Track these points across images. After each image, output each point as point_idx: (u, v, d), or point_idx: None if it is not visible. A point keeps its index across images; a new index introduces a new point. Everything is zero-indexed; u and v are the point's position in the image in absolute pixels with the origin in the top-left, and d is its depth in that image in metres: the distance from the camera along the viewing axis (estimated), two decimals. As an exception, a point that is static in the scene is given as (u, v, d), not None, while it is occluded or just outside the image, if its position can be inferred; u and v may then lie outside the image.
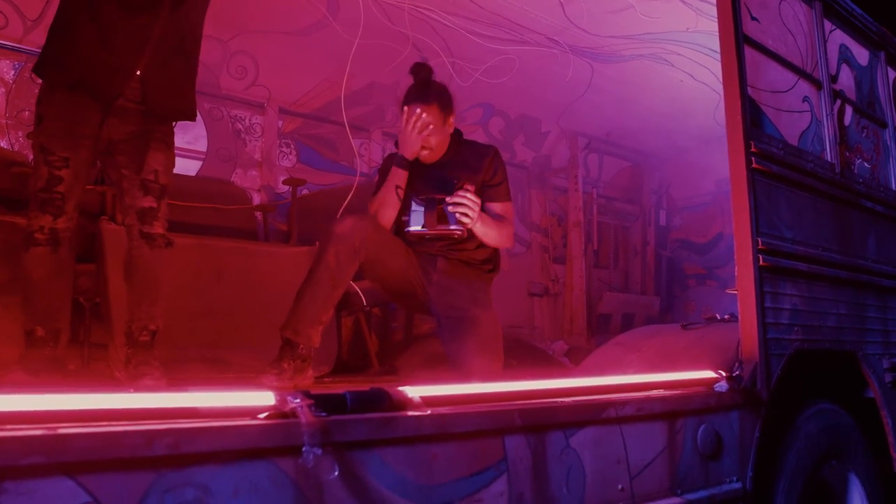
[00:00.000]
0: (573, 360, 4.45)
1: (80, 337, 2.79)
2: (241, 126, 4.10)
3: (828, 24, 3.02)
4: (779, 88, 2.65)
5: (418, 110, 2.39)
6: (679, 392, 1.90)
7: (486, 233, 2.41)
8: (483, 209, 2.41)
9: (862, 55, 3.31)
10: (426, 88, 2.49)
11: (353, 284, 3.24)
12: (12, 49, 3.38)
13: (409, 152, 2.42)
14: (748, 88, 2.41)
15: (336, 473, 1.13)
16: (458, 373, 2.33)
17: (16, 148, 3.39)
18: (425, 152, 2.46)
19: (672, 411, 1.81)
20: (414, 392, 1.34)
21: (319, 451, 1.12)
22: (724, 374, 2.04)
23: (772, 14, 2.68)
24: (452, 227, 2.35)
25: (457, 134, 2.57)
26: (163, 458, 0.98)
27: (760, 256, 2.22)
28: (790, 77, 2.72)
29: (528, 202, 5.35)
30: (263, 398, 1.17)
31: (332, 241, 2.23)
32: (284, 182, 3.79)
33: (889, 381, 2.86)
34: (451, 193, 2.32)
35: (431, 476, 1.28)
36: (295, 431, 1.11)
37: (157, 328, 2.22)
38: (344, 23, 3.66)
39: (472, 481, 1.35)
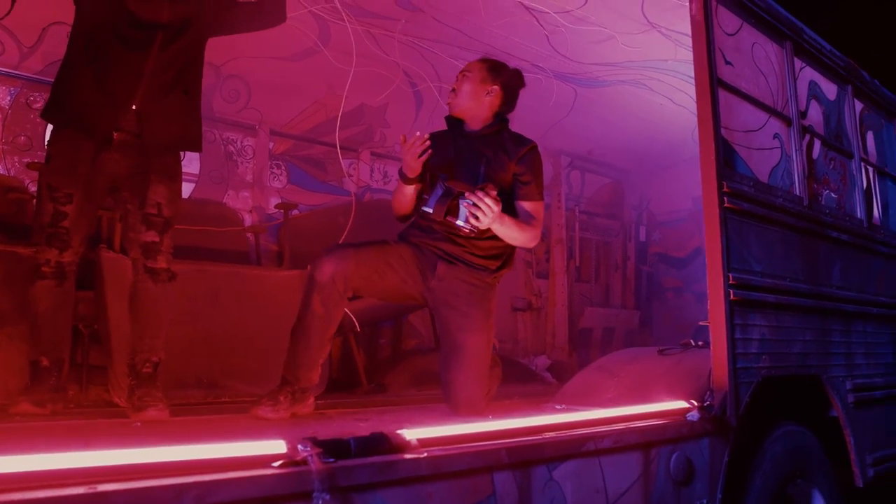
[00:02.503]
0: (555, 375, 4.59)
1: (78, 360, 2.87)
2: (232, 148, 4.20)
3: (798, 62, 3.19)
4: (751, 127, 2.80)
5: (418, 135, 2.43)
6: (654, 423, 2.03)
7: (507, 233, 2.39)
8: (513, 206, 2.44)
9: (830, 90, 3.49)
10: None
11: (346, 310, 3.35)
12: (9, 75, 3.45)
13: (409, 170, 2.44)
14: (721, 130, 2.56)
15: (343, 516, 1.25)
16: (447, 398, 2.45)
17: (12, 173, 3.46)
18: (451, 97, 2.59)
19: (647, 442, 1.95)
20: (411, 435, 1.46)
21: (328, 497, 1.23)
22: (695, 403, 2.18)
23: (745, 56, 2.83)
24: (460, 222, 2.29)
25: (502, 119, 2.60)
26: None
27: (731, 291, 2.36)
28: (762, 116, 2.88)
29: (512, 218, 5.48)
30: (276, 447, 1.28)
31: (316, 289, 2.28)
32: (277, 206, 3.89)
33: (852, 401, 3.03)
34: (474, 188, 2.27)
35: (427, 513, 1.40)
36: (306, 478, 1.23)
37: (159, 360, 2.32)
38: (335, 50, 3.76)
39: (463, 517, 1.47)
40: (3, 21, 3.30)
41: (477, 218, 2.24)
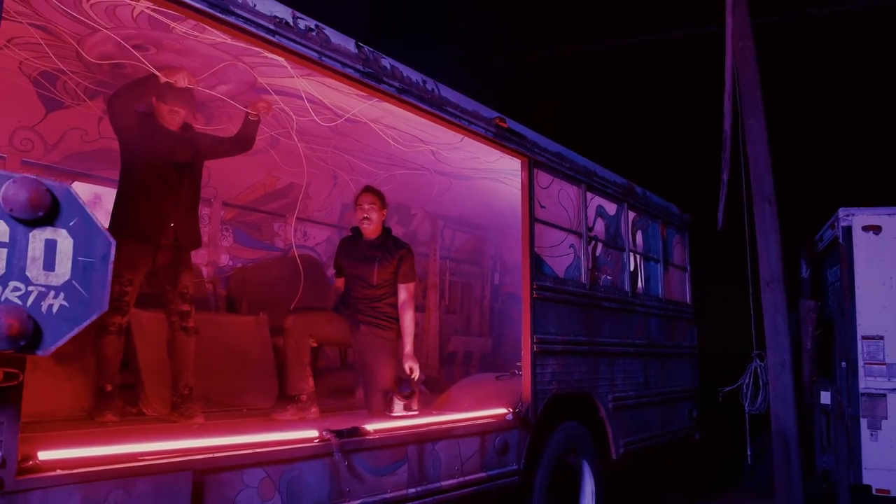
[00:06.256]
0: (428, 388, 6.24)
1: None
2: (194, 216, 5.46)
3: (589, 195, 5.06)
4: (555, 243, 4.60)
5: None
6: (487, 421, 3.72)
7: (412, 336, 4.10)
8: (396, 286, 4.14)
9: (612, 208, 5.41)
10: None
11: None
12: (34, 165, 4.54)
13: None
14: (536, 248, 4.32)
15: (346, 464, 2.79)
16: (367, 404, 4.00)
17: (37, 240, 4.54)
18: (366, 223, 4.17)
19: (482, 431, 3.64)
20: (370, 427, 3.02)
21: (340, 454, 2.78)
22: (510, 410, 3.90)
23: (553, 200, 4.63)
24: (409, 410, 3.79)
25: (388, 231, 4.27)
26: (286, 460, 2.60)
27: (535, 346, 4.12)
28: (563, 234, 4.70)
29: (399, 266, 7.08)
30: (314, 433, 2.80)
31: (287, 334, 3.85)
32: (234, 270, 5.22)
33: (612, 407, 4.93)
34: (409, 385, 3.86)
35: (379, 463, 2.98)
36: (329, 446, 2.77)
37: (192, 385, 3.68)
38: (280, 153, 5.18)
39: (393, 466, 3.06)
40: (36, 127, 4.42)
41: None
